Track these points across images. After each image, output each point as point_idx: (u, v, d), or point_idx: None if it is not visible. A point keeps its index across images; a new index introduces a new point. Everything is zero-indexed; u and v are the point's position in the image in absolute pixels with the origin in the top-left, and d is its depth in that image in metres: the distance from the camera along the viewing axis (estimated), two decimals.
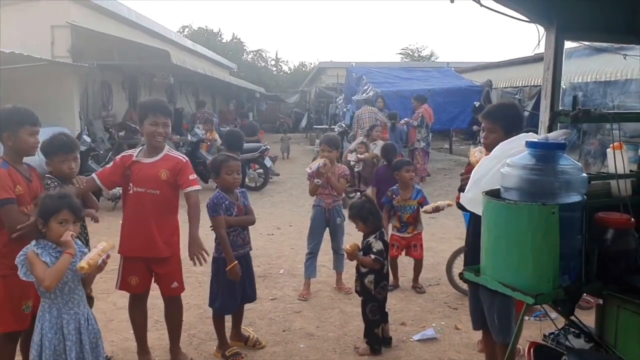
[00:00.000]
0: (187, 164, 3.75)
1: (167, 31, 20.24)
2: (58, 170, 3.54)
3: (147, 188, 3.60)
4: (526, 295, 2.21)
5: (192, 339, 4.34)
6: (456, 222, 8.17)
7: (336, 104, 22.17)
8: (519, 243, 2.27)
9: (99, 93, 14.05)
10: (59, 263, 2.73)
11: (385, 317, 4.21)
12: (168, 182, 3.65)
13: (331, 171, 5.18)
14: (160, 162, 3.67)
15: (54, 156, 3.53)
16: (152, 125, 3.60)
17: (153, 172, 3.62)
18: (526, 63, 16.34)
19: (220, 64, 28.20)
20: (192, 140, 11.81)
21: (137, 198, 3.62)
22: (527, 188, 2.32)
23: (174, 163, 3.69)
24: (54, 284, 2.73)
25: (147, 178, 3.61)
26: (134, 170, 3.63)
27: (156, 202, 3.62)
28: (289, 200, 10.75)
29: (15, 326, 3.18)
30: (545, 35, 2.99)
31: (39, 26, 12.19)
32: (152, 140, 3.64)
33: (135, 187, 3.61)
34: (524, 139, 2.60)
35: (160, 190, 3.62)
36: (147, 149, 3.72)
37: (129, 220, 3.68)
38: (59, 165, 3.52)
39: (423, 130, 11.89)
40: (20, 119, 3.18)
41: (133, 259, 3.66)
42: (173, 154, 3.78)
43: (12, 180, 3.09)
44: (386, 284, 4.21)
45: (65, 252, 2.75)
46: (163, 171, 3.63)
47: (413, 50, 44.33)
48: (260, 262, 6.16)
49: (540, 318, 4.41)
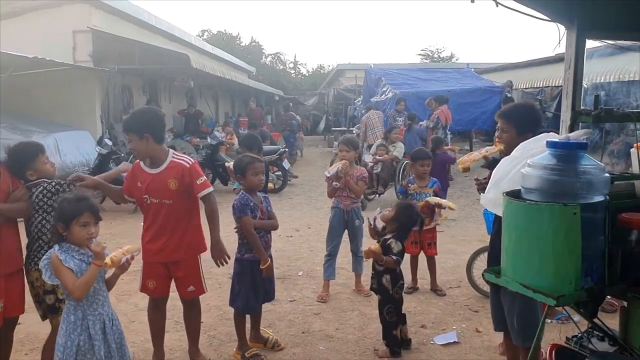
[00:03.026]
0: (191, 169, 3.65)
1: (187, 35, 20.43)
2: (44, 173, 3.43)
3: (162, 198, 3.61)
4: (548, 297, 2.19)
5: (212, 340, 4.36)
6: (477, 225, 8.11)
7: (354, 105, 22.15)
8: (540, 244, 2.25)
9: (120, 97, 14.21)
10: (87, 275, 2.76)
11: (403, 319, 4.18)
12: (179, 191, 3.61)
13: (350, 173, 5.17)
14: (166, 171, 3.61)
15: (35, 160, 3.38)
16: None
17: (162, 183, 3.60)
18: (547, 63, 16.16)
19: (239, 67, 28.38)
20: (211, 143, 11.88)
21: (154, 208, 3.64)
22: (548, 188, 2.30)
23: (179, 170, 3.61)
24: (84, 295, 2.78)
25: (159, 189, 3.61)
26: (144, 180, 3.62)
27: (172, 211, 3.63)
28: (307, 202, 10.76)
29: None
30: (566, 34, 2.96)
31: (61, 31, 12.42)
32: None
33: (151, 198, 3.61)
34: (544, 139, 2.58)
35: (172, 200, 3.61)
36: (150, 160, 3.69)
37: (149, 228, 3.68)
38: (43, 167, 3.42)
39: (440, 131, 11.81)
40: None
41: (153, 263, 3.69)
42: (177, 160, 3.67)
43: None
44: (403, 284, 4.19)
45: (93, 263, 2.78)
46: (171, 181, 3.59)
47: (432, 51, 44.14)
48: (279, 264, 6.17)
49: (562, 321, 4.36)
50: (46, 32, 12.19)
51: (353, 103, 23.02)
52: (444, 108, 12.08)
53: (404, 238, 4.14)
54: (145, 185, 3.62)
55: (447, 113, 12.09)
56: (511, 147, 3.09)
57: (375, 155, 10.16)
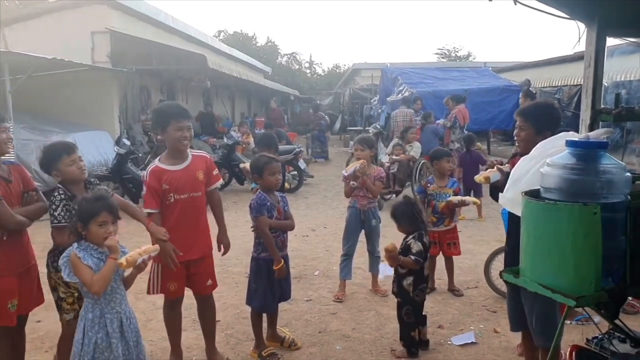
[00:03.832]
0: (212, 160, 3.89)
1: (204, 35, 20.56)
2: (68, 174, 3.33)
3: (190, 192, 3.64)
4: (567, 298, 2.16)
5: (229, 339, 4.38)
6: (495, 224, 8.05)
7: (370, 105, 22.10)
8: (559, 244, 2.23)
9: (137, 97, 14.35)
10: (105, 269, 2.79)
11: (423, 321, 4.16)
12: (203, 182, 3.74)
13: (367, 173, 5.16)
14: (192, 164, 3.69)
15: (58, 162, 3.31)
16: (177, 131, 3.57)
17: (192, 176, 3.66)
18: (565, 62, 16.01)
19: (255, 67, 28.49)
20: (228, 142, 11.94)
21: (180, 205, 3.62)
22: (568, 188, 2.27)
23: (204, 162, 3.78)
24: (103, 290, 2.80)
25: (189, 183, 3.63)
26: (170, 180, 3.60)
27: (198, 203, 3.69)
28: (323, 202, 10.76)
29: (5, 322, 3.25)
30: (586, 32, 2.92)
31: (80, 32, 12.55)
32: (178, 145, 3.62)
33: (177, 195, 3.60)
34: (563, 138, 2.55)
35: (200, 191, 3.71)
36: (172, 154, 3.68)
37: (172, 229, 3.59)
38: (67, 168, 3.32)
39: (457, 131, 11.71)
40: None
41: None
42: (197, 153, 3.84)
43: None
44: (425, 286, 4.15)
45: (109, 257, 2.81)
46: (199, 172, 3.70)
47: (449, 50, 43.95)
48: (295, 264, 6.18)
49: (582, 322, 4.30)
50: (65, 33, 12.33)
51: (369, 102, 22.98)
52: (461, 107, 11.98)
53: (422, 237, 4.10)
54: (173, 183, 3.59)
55: (465, 112, 11.99)
56: (528, 146, 3.07)
57: (391, 155, 10.12)
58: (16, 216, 3.15)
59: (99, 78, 12.47)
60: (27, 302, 3.36)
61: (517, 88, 14.95)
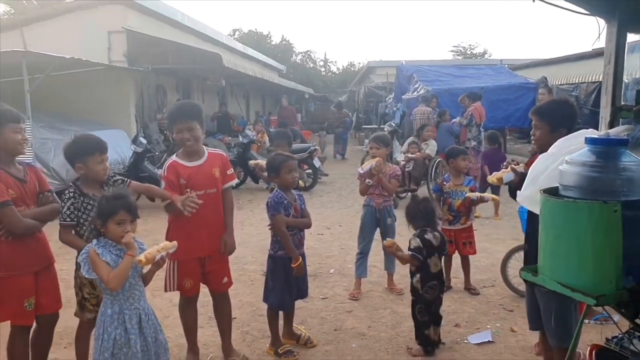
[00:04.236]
0: (226, 159, 3.91)
1: (219, 34, 20.65)
2: (94, 172, 3.29)
3: (206, 189, 3.66)
4: (587, 297, 2.14)
5: (245, 336, 4.40)
6: (511, 223, 7.99)
7: (386, 103, 22.03)
8: (578, 242, 2.20)
9: (154, 96, 14.45)
10: (122, 266, 2.82)
11: (437, 320, 4.14)
12: (219, 180, 3.75)
13: (383, 171, 5.15)
14: (209, 161, 3.73)
15: (89, 157, 3.27)
16: (179, 133, 3.61)
17: (208, 173, 3.69)
18: (583, 59, 15.81)
19: (269, 65, 28.56)
20: (243, 141, 11.98)
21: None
22: (587, 186, 2.25)
23: (220, 159, 3.81)
24: (120, 286, 2.83)
25: (205, 180, 3.66)
26: (187, 176, 3.63)
27: (214, 200, 3.71)
28: (338, 200, 10.76)
29: (22, 321, 3.28)
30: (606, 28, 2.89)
31: (97, 32, 12.69)
32: (183, 146, 3.67)
33: (193, 191, 3.61)
34: (582, 136, 2.52)
35: (216, 188, 3.72)
36: (185, 152, 3.71)
37: (188, 225, 3.62)
38: (95, 166, 3.28)
39: (473, 129, 11.62)
40: (1, 119, 3.15)
41: (189, 261, 3.68)
42: (213, 151, 3.87)
43: (4, 184, 3.10)
44: (435, 284, 4.10)
45: (127, 254, 2.83)
46: (215, 169, 3.72)
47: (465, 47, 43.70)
48: (311, 262, 6.17)
49: (601, 321, 4.26)
50: (82, 33, 12.47)
51: (384, 100, 22.90)
52: (477, 105, 11.88)
53: (423, 234, 4.09)
54: (190, 179, 3.62)
55: (481, 110, 11.89)
56: (544, 145, 3.04)
57: (407, 153, 10.09)
58: (24, 221, 3.14)
59: (115, 77, 12.58)
60: (46, 301, 3.35)
61: (533, 85, 14.80)
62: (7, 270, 3.17)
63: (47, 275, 3.40)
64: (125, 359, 2.85)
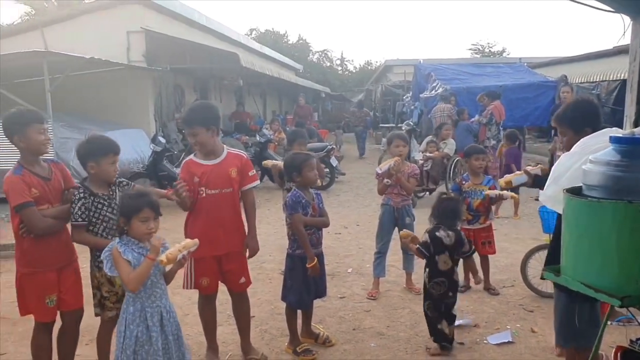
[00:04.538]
0: (247, 160, 3.87)
1: (236, 34, 20.73)
2: (105, 173, 3.34)
3: (222, 188, 3.67)
4: (611, 297, 2.11)
5: (264, 335, 4.41)
6: (530, 223, 7.91)
7: (403, 102, 21.95)
8: (602, 243, 2.18)
9: (172, 95, 14.56)
10: (141, 268, 2.84)
11: (449, 318, 4.10)
12: (236, 180, 3.74)
13: (401, 170, 5.12)
14: (226, 161, 3.74)
15: (103, 158, 3.31)
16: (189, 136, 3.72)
17: (224, 172, 3.70)
18: (604, 57, 15.61)
19: (286, 65, 28.60)
20: (260, 140, 12.01)
21: (211, 200, 3.66)
22: (612, 185, 2.22)
23: (239, 160, 3.79)
24: (138, 288, 2.86)
25: (220, 178, 3.68)
26: (202, 174, 3.66)
27: (229, 200, 3.71)
28: (355, 199, 10.74)
29: (43, 318, 3.33)
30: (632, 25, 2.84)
31: (116, 32, 12.80)
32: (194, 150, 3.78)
33: (208, 189, 3.65)
34: (606, 135, 2.49)
35: (232, 188, 3.72)
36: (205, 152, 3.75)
37: (203, 223, 3.66)
38: (107, 167, 3.33)
39: (493, 127, 11.52)
40: (26, 119, 3.23)
41: (205, 259, 3.69)
42: (234, 151, 3.86)
43: (27, 184, 3.16)
44: (443, 281, 4.05)
45: (147, 257, 2.85)
46: (232, 170, 3.72)
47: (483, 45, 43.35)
48: (328, 261, 6.15)
49: (624, 323, 4.19)
50: (101, 33, 12.59)
51: (401, 99, 22.81)
52: (497, 103, 11.78)
53: (435, 231, 4.09)
54: (204, 177, 3.65)
55: (501, 108, 11.79)
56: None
57: (425, 152, 10.03)
58: (45, 221, 3.20)
59: (134, 77, 12.70)
60: (69, 298, 3.40)
61: (553, 84, 14.63)
62: (31, 267, 3.24)
63: (70, 272, 3.44)
64: (147, 356, 2.88)
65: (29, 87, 10.31)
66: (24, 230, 3.21)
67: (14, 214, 3.20)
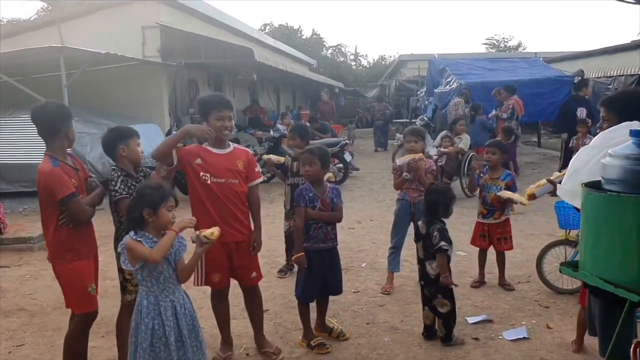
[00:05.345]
0: (252, 156, 3.95)
1: (250, 29, 20.71)
2: (135, 153, 3.56)
3: (228, 178, 3.70)
4: (631, 293, 2.09)
5: (278, 328, 4.43)
6: (546, 219, 7.85)
7: (417, 97, 21.83)
8: (622, 237, 2.16)
9: (186, 90, 14.61)
10: (166, 238, 2.87)
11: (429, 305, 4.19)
12: (243, 173, 3.79)
13: (421, 166, 5.08)
14: (234, 153, 3.82)
15: (130, 139, 3.54)
16: (218, 120, 3.69)
17: (230, 163, 3.74)
18: (621, 51, 15.40)
19: (300, 60, 28.54)
20: (274, 135, 12.02)
21: (217, 188, 3.67)
22: (632, 179, 2.20)
23: (245, 154, 3.88)
24: (161, 256, 2.85)
25: (225, 168, 3.71)
26: (207, 159, 3.69)
27: (235, 191, 3.73)
28: (369, 194, 10.72)
29: (87, 308, 3.39)
30: None
31: (131, 27, 12.85)
32: (219, 135, 3.72)
33: (214, 178, 3.67)
34: (626, 128, 2.46)
35: (238, 179, 3.75)
36: (214, 143, 3.77)
37: (210, 211, 3.66)
38: (135, 148, 3.56)
39: (513, 122, 11.35)
40: (68, 114, 3.44)
41: (215, 254, 3.66)
42: (239, 147, 3.95)
43: (68, 175, 3.25)
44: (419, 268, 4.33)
45: (170, 230, 2.89)
46: (239, 161, 3.78)
47: (498, 40, 42.93)
48: (342, 256, 6.10)
49: None
50: (117, 28, 12.64)
51: (415, 94, 22.70)
52: (516, 98, 11.64)
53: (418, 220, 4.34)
54: (208, 163, 3.68)
55: (520, 103, 11.66)
56: None
57: (439, 147, 9.98)
58: (89, 209, 3.34)
59: (149, 72, 12.75)
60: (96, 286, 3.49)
61: (569, 79, 14.44)
62: (73, 255, 3.30)
63: (96, 261, 3.55)
64: (164, 348, 2.89)
65: (46, 82, 10.39)
66: (64, 220, 3.27)
67: (46, 206, 3.26)
